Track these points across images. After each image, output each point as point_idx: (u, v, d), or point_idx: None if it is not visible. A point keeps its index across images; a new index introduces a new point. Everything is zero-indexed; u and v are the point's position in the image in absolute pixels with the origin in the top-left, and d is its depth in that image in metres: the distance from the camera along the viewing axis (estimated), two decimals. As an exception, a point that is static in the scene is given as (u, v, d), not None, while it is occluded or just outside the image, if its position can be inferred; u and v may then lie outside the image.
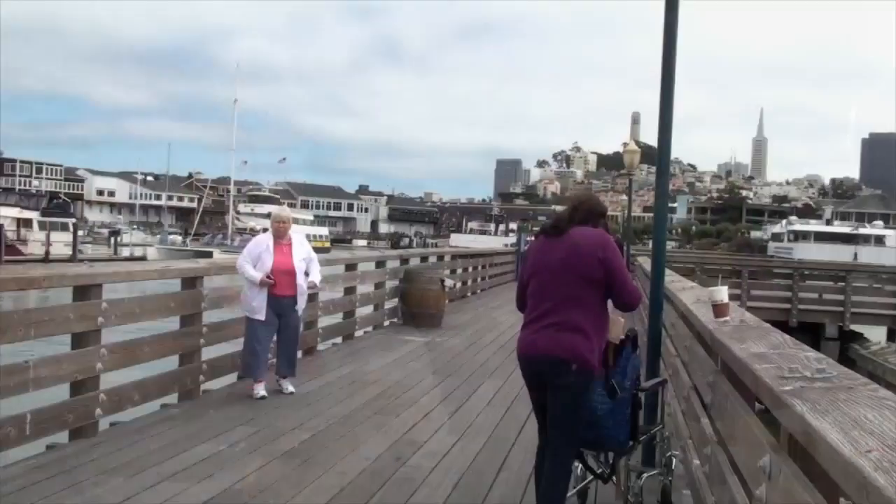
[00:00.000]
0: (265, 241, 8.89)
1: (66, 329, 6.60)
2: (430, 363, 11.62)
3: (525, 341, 4.82)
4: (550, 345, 4.64)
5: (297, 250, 8.94)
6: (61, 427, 6.57)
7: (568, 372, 4.59)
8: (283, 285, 8.73)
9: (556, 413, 4.71)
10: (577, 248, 4.74)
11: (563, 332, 4.63)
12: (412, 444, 7.13)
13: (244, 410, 8.09)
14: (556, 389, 4.67)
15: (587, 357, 4.60)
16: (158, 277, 8.37)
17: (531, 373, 4.84)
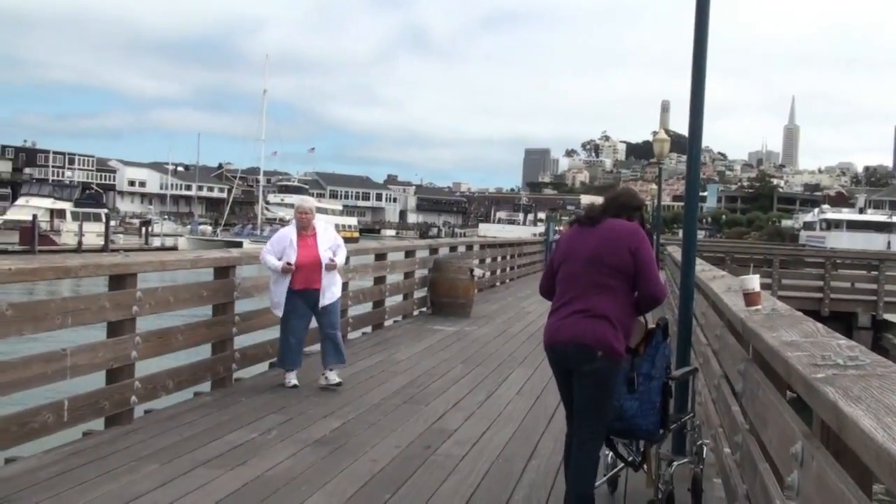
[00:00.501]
0: (289, 234, 8.75)
1: (101, 318, 6.70)
2: (460, 352, 11.66)
3: (552, 328, 4.84)
4: (576, 331, 4.66)
5: (322, 240, 8.78)
6: (97, 414, 6.68)
7: (594, 358, 4.61)
8: (311, 279, 8.60)
9: (583, 400, 4.73)
10: (609, 238, 4.78)
11: (590, 318, 4.65)
12: (442, 432, 7.17)
13: (275, 399, 8.17)
14: (582, 376, 4.69)
15: (613, 344, 4.62)
16: (191, 267, 8.47)
17: (557, 359, 4.87)
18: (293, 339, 8.69)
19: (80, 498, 5.10)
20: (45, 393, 6.32)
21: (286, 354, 8.75)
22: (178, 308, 7.83)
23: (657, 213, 30.10)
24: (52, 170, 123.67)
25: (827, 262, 25.24)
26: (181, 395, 8.01)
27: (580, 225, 5.00)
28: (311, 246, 8.66)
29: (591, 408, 4.71)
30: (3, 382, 5.62)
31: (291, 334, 8.68)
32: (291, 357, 8.73)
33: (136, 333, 7.02)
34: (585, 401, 4.72)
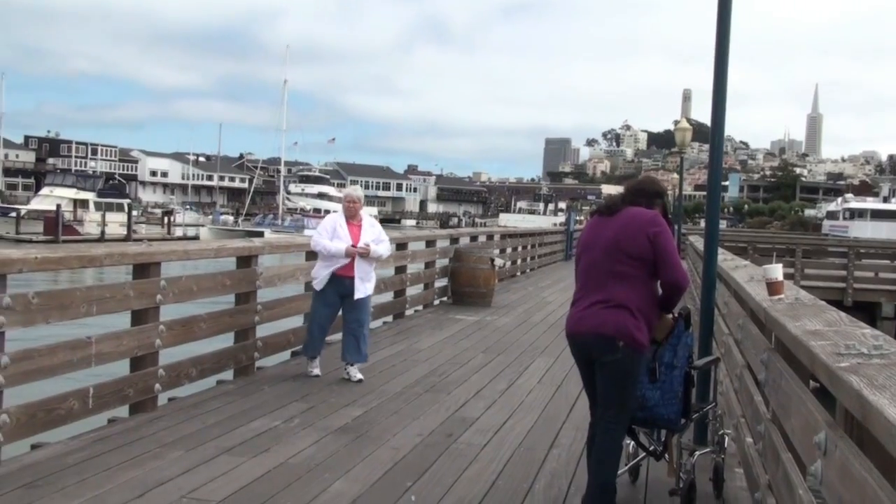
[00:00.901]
0: (336, 219, 8.78)
1: (125, 306, 6.76)
2: (481, 342, 11.68)
3: (573, 318, 4.84)
4: (597, 322, 4.65)
5: (366, 232, 8.76)
6: (122, 401, 6.74)
7: (615, 349, 4.59)
8: (347, 266, 8.60)
9: (605, 390, 4.73)
10: (626, 226, 4.76)
11: (610, 309, 4.64)
12: (463, 420, 7.20)
13: (298, 387, 8.22)
14: (604, 366, 4.69)
15: (634, 334, 4.60)
16: (214, 256, 8.52)
17: (579, 350, 4.87)
18: (316, 327, 8.71)
19: (105, 483, 5.16)
20: (70, 380, 6.38)
21: (308, 341, 8.79)
22: (201, 297, 7.87)
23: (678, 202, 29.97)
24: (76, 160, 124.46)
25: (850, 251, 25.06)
26: (204, 383, 8.07)
27: (600, 215, 5.00)
28: (355, 235, 8.67)
29: (613, 398, 4.70)
30: (30, 370, 5.69)
31: (316, 321, 8.70)
32: (314, 345, 8.75)
33: (160, 322, 7.08)
34: (608, 391, 4.72)
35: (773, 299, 4.79)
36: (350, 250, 8.53)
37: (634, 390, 4.75)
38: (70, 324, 6.62)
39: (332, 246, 8.54)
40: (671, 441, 5.21)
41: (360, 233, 8.71)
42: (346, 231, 8.64)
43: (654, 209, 4.92)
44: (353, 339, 8.70)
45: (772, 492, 4.15)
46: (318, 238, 8.66)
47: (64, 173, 74.37)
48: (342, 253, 8.52)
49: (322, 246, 8.57)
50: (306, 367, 8.79)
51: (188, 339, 7.63)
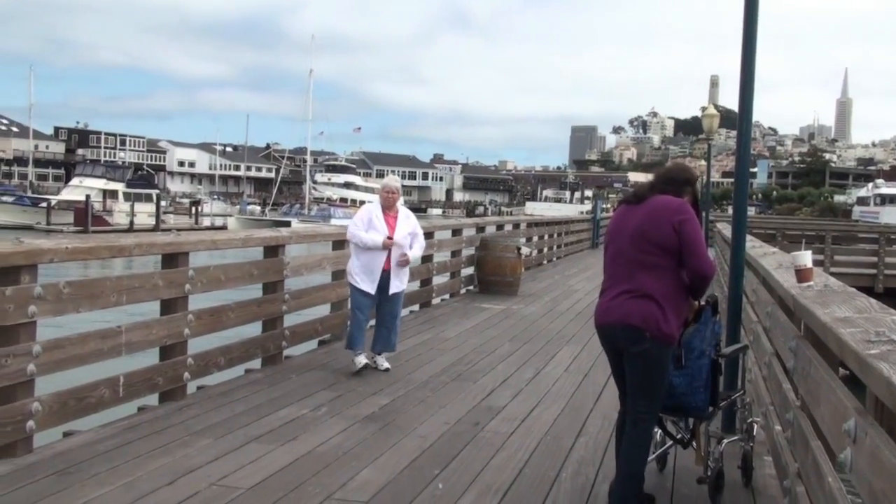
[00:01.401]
0: (373, 210, 8.63)
1: (154, 296, 6.81)
2: (507, 330, 11.68)
3: (601, 309, 4.81)
4: (624, 313, 4.61)
5: (402, 224, 8.63)
6: (152, 390, 6.81)
7: (643, 340, 4.54)
8: (383, 259, 8.49)
9: (634, 381, 4.70)
10: (652, 214, 4.70)
11: (637, 299, 4.58)
12: (490, 409, 7.20)
13: (325, 376, 8.26)
14: (632, 357, 4.65)
15: (661, 326, 4.54)
16: (242, 246, 8.57)
17: (607, 340, 4.84)
18: (362, 316, 8.52)
19: (136, 470, 5.21)
20: (101, 368, 6.45)
21: (354, 333, 8.53)
22: (229, 286, 7.93)
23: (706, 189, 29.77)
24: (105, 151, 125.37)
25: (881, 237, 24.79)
26: (233, 372, 8.13)
27: (627, 203, 4.95)
28: (391, 227, 8.54)
29: (643, 388, 4.67)
30: (62, 358, 5.76)
31: (360, 310, 8.54)
32: (359, 337, 8.50)
33: (189, 311, 7.13)
34: (637, 382, 4.69)
35: (802, 286, 4.76)
36: (387, 242, 8.43)
37: (664, 381, 4.70)
38: (100, 313, 6.69)
39: (367, 238, 8.43)
40: (699, 429, 5.19)
41: (397, 224, 8.58)
42: (382, 222, 8.51)
43: (684, 197, 4.84)
44: (385, 331, 8.66)
45: (801, 479, 4.13)
46: (354, 229, 8.53)
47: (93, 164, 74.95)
48: (378, 245, 8.41)
49: (358, 238, 8.46)
50: (352, 359, 8.53)
51: (216, 329, 7.68)
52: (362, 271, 8.48)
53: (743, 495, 5.30)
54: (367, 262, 8.49)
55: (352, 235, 8.55)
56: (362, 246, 8.47)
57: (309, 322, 9.61)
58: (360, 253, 8.53)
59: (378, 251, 8.46)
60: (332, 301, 10.13)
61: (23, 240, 5.55)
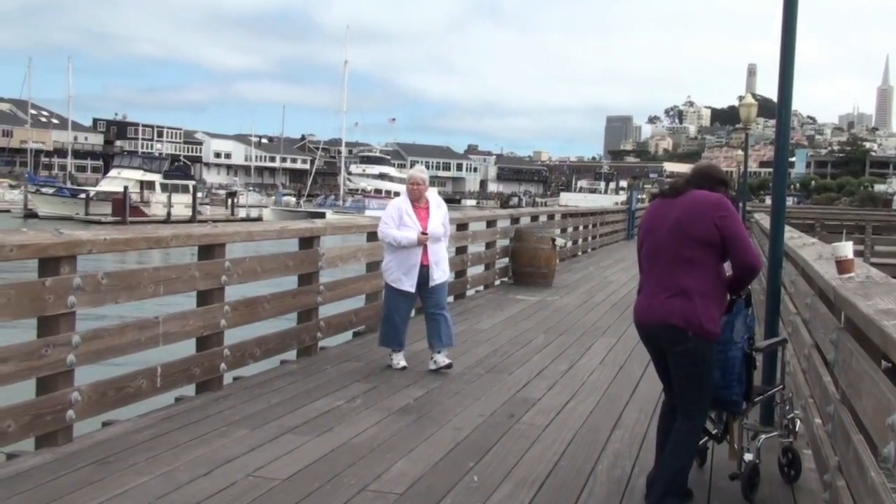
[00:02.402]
0: (401, 205, 8.31)
1: (191, 287, 6.87)
2: (542, 322, 11.64)
3: (641, 307, 4.76)
4: (665, 312, 4.55)
5: (435, 214, 8.35)
6: (189, 380, 6.87)
7: (685, 339, 4.49)
8: (420, 254, 8.24)
9: (680, 380, 4.66)
10: (692, 209, 4.64)
11: (677, 297, 4.53)
12: (525, 401, 7.19)
13: (360, 367, 8.28)
14: (675, 357, 4.61)
15: (703, 324, 4.49)
16: (277, 237, 8.60)
17: (649, 340, 4.80)
18: (398, 318, 8.26)
19: (174, 460, 5.26)
20: (139, 359, 6.52)
21: (390, 333, 8.30)
22: (265, 278, 7.96)
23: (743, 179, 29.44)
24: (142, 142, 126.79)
25: (923, 228, 24.40)
26: (268, 363, 8.18)
27: (663, 197, 4.88)
28: (423, 219, 8.27)
29: (689, 386, 4.63)
30: (101, 349, 5.83)
31: (396, 312, 8.27)
32: (398, 337, 8.29)
33: (225, 302, 7.18)
34: (682, 380, 4.65)
35: (842, 278, 4.68)
36: (421, 238, 8.15)
37: (711, 376, 4.65)
38: (138, 304, 6.75)
39: (401, 236, 8.14)
40: (732, 424, 5.13)
41: (429, 216, 8.31)
42: (413, 217, 8.22)
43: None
44: (436, 325, 8.30)
45: (841, 473, 4.07)
46: (385, 229, 8.22)
47: (131, 155, 75.85)
48: (413, 241, 8.14)
49: (391, 237, 8.17)
50: (391, 358, 8.35)
51: (252, 320, 7.73)
52: (399, 270, 8.23)
53: (782, 490, 5.24)
54: (403, 260, 8.22)
55: (383, 235, 8.27)
56: (396, 245, 8.20)
57: (344, 314, 9.64)
58: (394, 251, 8.26)
59: (413, 247, 8.22)
60: (366, 293, 10.15)
61: (62, 231, 5.61)
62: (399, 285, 8.23)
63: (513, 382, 7.88)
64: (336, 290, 9.30)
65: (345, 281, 9.68)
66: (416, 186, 8.35)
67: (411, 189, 8.37)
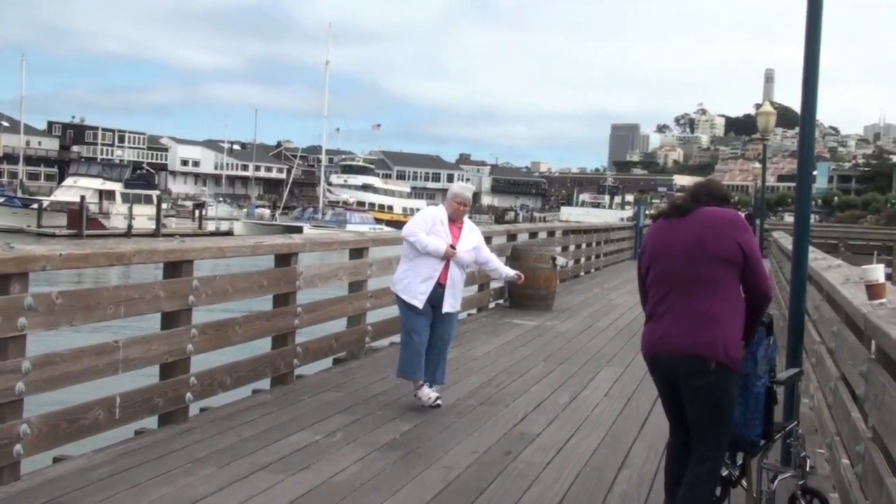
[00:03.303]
0: (439, 214, 8.23)
1: (155, 308, 6.81)
2: (541, 349, 11.63)
3: (652, 338, 4.66)
4: (684, 341, 4.49)
5: (466, 237, 8.24)
6: (150, 411, 6.81)
7: (706, 371, 4.43)
8: (440, 270, 8.09)
9: (698, 418, 4.60)
10: (710, 225, 4.61)
11: (698, 323, 4.48)
12: (523, 437, 7.16)
13: (341, 398, 8.23)
14: (694, 392, 4.54)
15: (728, 351, 4.45)
16: (251, 254, 8.56)
17: (662, 373, 4.72)
18: (418, 340, 8.05)
19: (134, 501, 5.21)
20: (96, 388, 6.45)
21: (413, 360, 8.05)
22: (237, 298, 7.91)
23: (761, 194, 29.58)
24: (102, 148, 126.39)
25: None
26: (239, 393, 8.13)
27: (667, 218, 4.83)
28: (455, 237, 8.19)
29: (708, 425, 4.57)
30: (53, 376, 5.76)
31: (416, 332, 8.06)
32: (418, 360, 8.04)
33: (192, 325, 7.13)
34: (701, 419, 4.58)
35: (874, 304, 4.67)
36: (449, 251, 8.03)
37: (732, 411, 4.60)
38: (96, 326, 6.70)
39: (429, 241, 8.00)
40: (750, 464, 5.08)
41: (461, 236, 8.23)
42: (447, 229, 8.14)
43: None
44: (435, 359, 8.16)
45: (873, 521, 4.04)
46: (415, 228, 8.09)
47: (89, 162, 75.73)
48: (440, 252, 7.99)
49: (418, 239, 8.00)
50: (417, 393, 8.08)
51: (222, 345, 7.69)
52: (413, 281, 8.07)
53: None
54: (420, 269, 8.06)
55: (410, 233, 8.08)
56: (421, 249, 8.01)
57: (323, 338, 9.60)
58: (414, 258, 8.10)
59: (436, 260, 8.05)
60: (348, 315, 10.12)
61: (13, 245, 5.56)
62: (409, 296, 8.05)
63: (509, 416, 7.84)
64: (315, 312, 9.26)
65: (325, 302, 9.64)
66: (461, 206, 8.29)
67: (455, 208, 8.26)
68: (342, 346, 9.95)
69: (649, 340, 4.69)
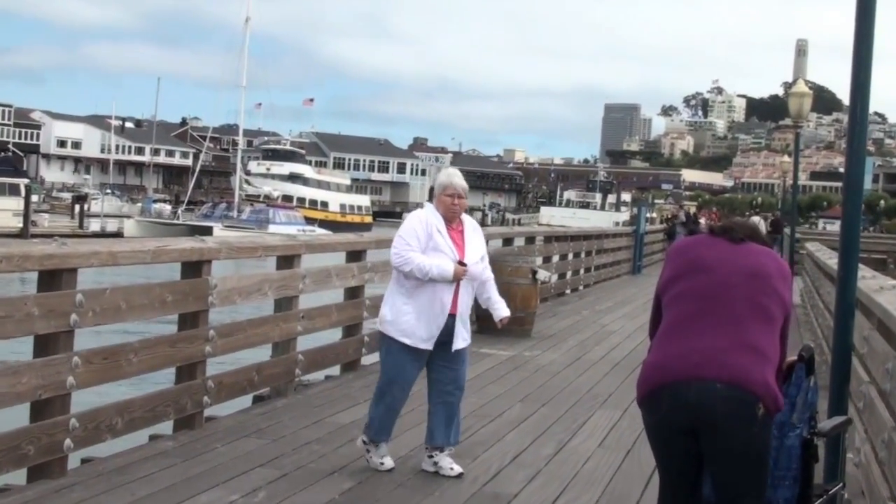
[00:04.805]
0: (430, 219, 7.66)
1: (26, 330, 6.72)
2: (518, 386, 11.67)
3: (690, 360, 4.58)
4: (738, 369, 4.49)
5: (471, 242, 7.78)
6: (18, 463, 6.70)
7: (751, 418, 4.46)
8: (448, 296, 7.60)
9: (731, 479, 4.60)
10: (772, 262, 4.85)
11: (748, 352, 4.53)
12: (497, 498, 7.18)
13: (263, 447, 8.19)
14: (729, 444, 4.52)
15: (777, 398, 4.57)
16: (152, 261, 8.45)
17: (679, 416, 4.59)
18: (399, 393, 7.70)
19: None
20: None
21: (386, 418, 7.72)
22: (133, 318, 7.88)
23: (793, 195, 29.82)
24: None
25: None
26: (133, 439, 8.09)
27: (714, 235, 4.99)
28: (458, 246, 7.67)
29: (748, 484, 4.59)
30: None
31: (399, 383, 7.68)
32: (389, 422, 7.75)
33: (75, 352, 7.07)
34: (737, 479, 4.59)
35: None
36: (459, 270, 7.50)
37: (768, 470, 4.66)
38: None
39: (429, 264, 7.43)
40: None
41: (465, 242, 7.74)
42: (447, 239, 7.61)
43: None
44: (447, 410, 7.75)
45: None
46: (405, 250, 7.51)
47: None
48: (448, 276, 7.48)
49: (415, 264, 7.43)
50: (369, 456, 7.77)
51: (113, 378, 7.62)
52: (415, 317, 7.55)
53: None
54: (425, 304, 7.54)
55: (403, 261, 7.50)
56: (421, 276, 7.46)
57: (242, 370, 9.56)
58: (413, 289, 7.57)
59: (444, 286, 7.55)
60: (274, 341, 10.07)
61: None
62: (413, 340, 7.54)
63: (479, 471, 7.85)
64: (232, 336, 9.22)
65: (244, 324, 9.59)
66: (456, 201, 7.74)
67: (448, 205, 7.72)
68: (265, 381, 9.90)
69: (667, 363, 4.63)
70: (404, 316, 7.55)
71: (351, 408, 9.53)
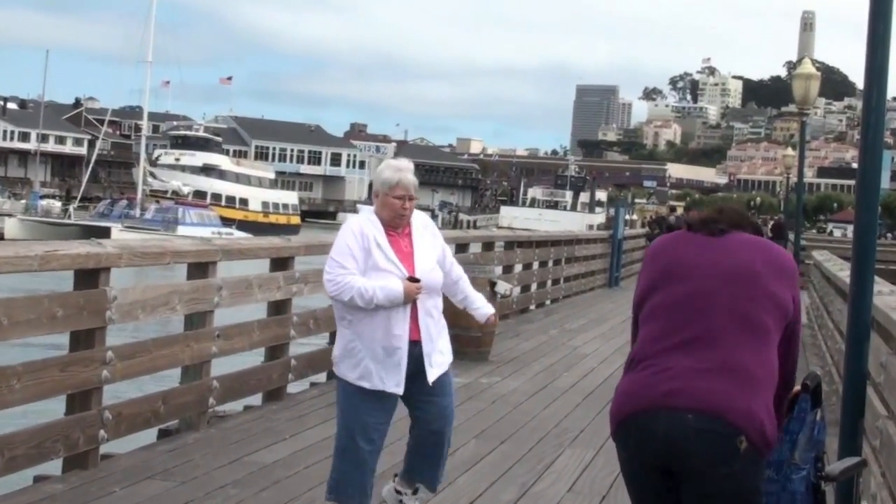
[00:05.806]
0: (366, 229, 7.25)
1: None
2: (473, 419, 11.69)
3: (641, 387, 4.60)
4: (710, 396, 4.45)
5: (421, 246, 7.43)
6: None
7: (733, 451, 4.42)
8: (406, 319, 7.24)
9: None
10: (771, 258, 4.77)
11: (733, 378, 4.49)
12: (449, 551, 7.17)
13: (171, 490, 8.17)
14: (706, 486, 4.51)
15: (766, 429, 4.48)
16: (39, 268, 8.42)
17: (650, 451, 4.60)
18: (367, 447, 7.25)
19: None
20: None
21: (352, 477, 7.27)
22: (15, 336, 7.86)
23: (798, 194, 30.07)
24: None
25: None
26: (15, 481, 8.07)
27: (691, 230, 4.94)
28: (405, 256, 7.32)
29: None
30: None
31: (364, 435, 7.25)
32: (364, 481, 7.33)
33: (-55, 377, 7.01)
34: None
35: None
36: (412, 289, 7.11)
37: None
38: None
39: (373, 289, 7.02)
40: None
41: (414, 249, 7.41)
42: (390, 251, 7.24)
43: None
44: (432, 450, 7.63)
45: None
46: (340, 275, 7.10)
47: None
48: (398, 298, 7.10)
49: (356, 291, 7.03)
50: None
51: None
52: (368, 355, 7.19)
53: None
54: (375, 337, 7.19)
55: (339, 289, 7.11)
56: (365, 305, 7.09)
57: (145, 398, 9.53)
58: (357, 321, 7.22)
59: (396, 311, 7.18)
60: (184, 364, 10.04)
61: None
62: (373, 384, 7.22)
63: (429, 520, 7.85)
64: (134, 358, 9.18)
65: (149, 344, 9.53)
66: (406, 203, 7.35)
67: (395, 208, 7.32)
68: (173, 412, 9.86)
69: (635, 390, 4.61)
70: (354, 356, 7.22)
71: (274, 444, 9.50)
